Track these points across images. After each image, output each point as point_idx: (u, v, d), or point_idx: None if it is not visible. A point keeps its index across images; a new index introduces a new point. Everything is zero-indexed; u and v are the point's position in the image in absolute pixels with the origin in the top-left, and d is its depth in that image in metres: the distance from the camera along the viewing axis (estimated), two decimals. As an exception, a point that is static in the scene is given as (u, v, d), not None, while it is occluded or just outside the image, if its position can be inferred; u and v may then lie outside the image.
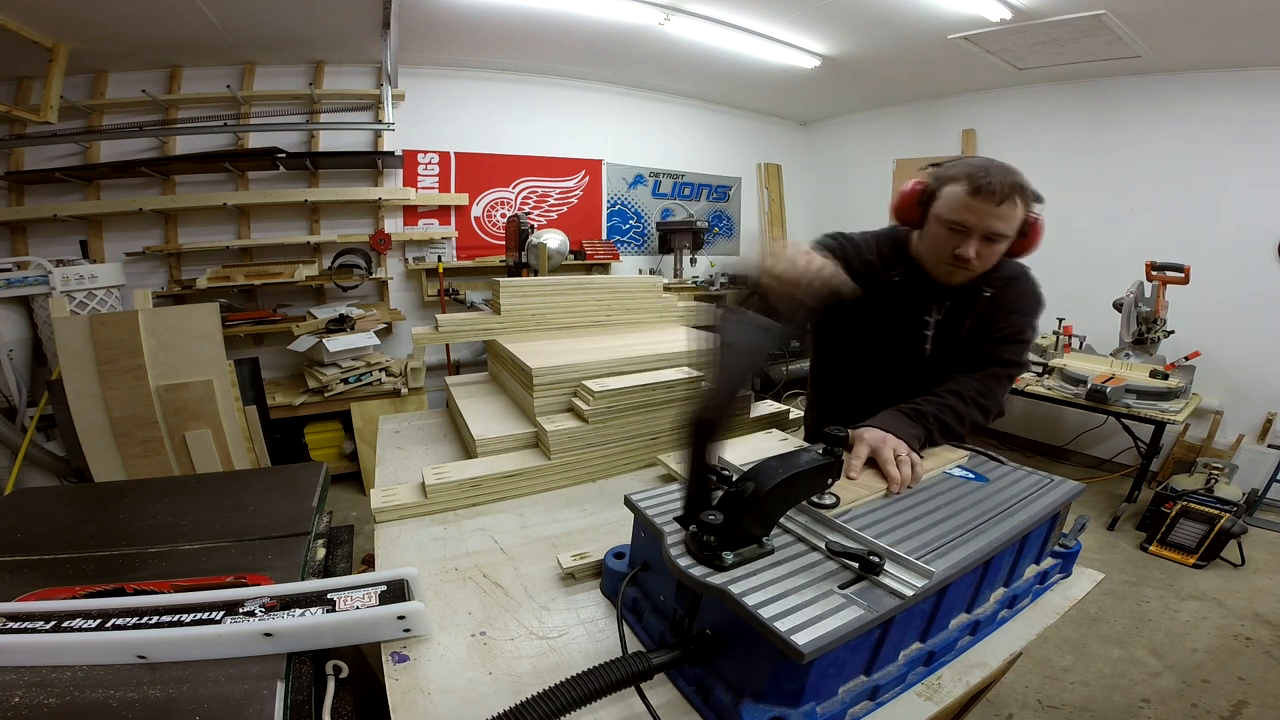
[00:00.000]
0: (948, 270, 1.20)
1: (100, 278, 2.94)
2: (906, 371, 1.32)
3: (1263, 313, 3.31)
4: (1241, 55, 3.12)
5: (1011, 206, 1.10)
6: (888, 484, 0.91)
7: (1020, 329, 1.25)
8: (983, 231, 1.12)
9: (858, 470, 0.94)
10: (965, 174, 1.11)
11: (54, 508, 1.20)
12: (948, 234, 1.15)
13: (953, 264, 1.17)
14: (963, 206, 1.11)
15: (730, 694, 0.64)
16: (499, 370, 1.69)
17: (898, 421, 1.06)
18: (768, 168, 5.47)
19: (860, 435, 1.01)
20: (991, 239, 1.13)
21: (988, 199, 1.08)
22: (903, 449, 0.97)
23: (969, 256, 1.13)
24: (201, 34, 3.00)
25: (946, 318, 1.28)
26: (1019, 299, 1.26)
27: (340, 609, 0.75)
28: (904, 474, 0.92)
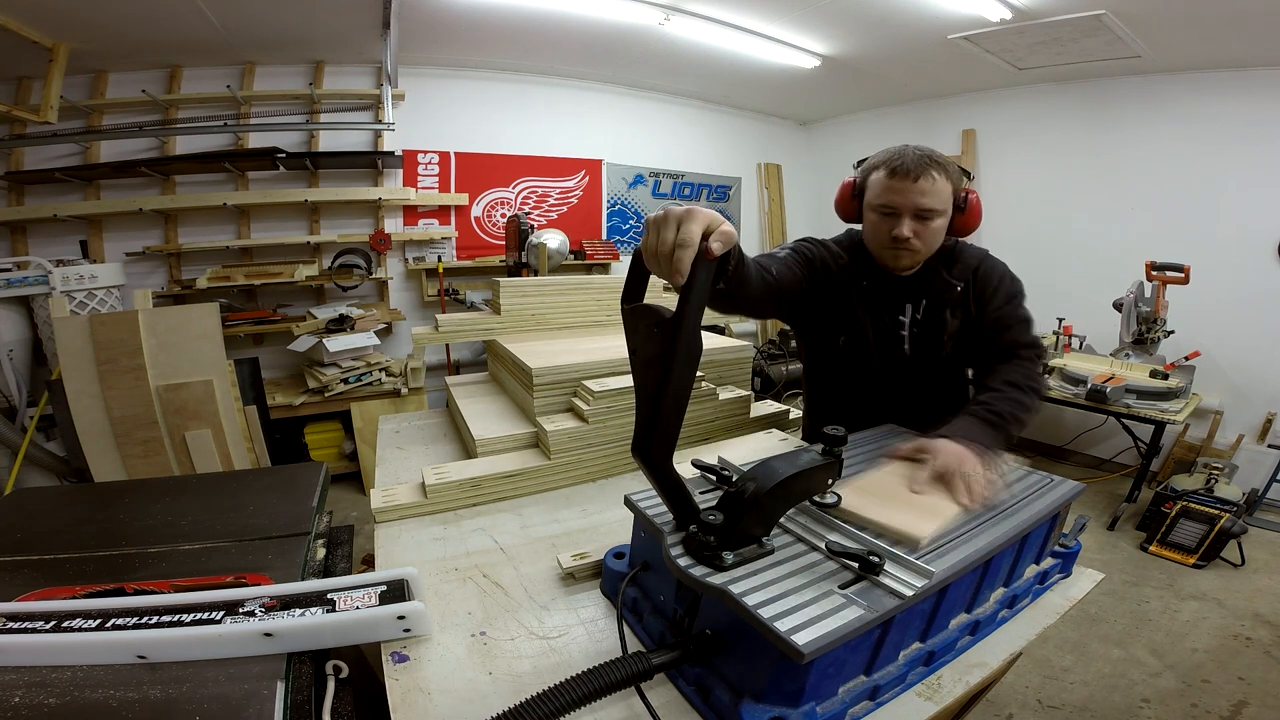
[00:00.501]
0: (892, 255, 1.23)
1: (100, 278, 2.94)
2: (889, 373, 1.32)
3: (1263, 313, 3.31)
4: (1241, 55, 3.11)
5: (930, 181, 1.14)
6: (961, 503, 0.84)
7: (1016, 310, 1.27)
8: (910, 209, 1.16)
9: (924, 485, 0.87)
10: (883, 160, 1.19)
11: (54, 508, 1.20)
12: (880, 219, 1.21)
13: (893, 247, 1.20)
14: (885, 189, 1.17)
15: (730, 694, 0.64)
16: (499, 370, 1.69)
17: (978, 429, 1.00)
18: (768, 168, 5.47)
19: (936, 448, 0.92)
20: (923, 216, 1.17)
21: (904, 177, 1.14)
22: (978, 468, 0.89)
23: (905, 235, 1.17)
24: (201, 34, 3.00)
25: (925, 316, 1.28)
26: (996, 282, 1.27)
27: (340, 609, 0.75)
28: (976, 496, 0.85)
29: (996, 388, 1.15)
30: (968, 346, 1.29)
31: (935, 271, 1.27)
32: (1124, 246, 3.67)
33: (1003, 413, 1.07)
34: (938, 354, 1.29)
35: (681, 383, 0.63)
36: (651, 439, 0.65)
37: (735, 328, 4.92)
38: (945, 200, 1.17)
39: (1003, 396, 1.11)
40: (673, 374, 0.61)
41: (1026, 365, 1.21)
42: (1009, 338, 1.25)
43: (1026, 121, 4.12)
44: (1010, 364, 1.21)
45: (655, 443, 0.65)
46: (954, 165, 1.20)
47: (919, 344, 1.30)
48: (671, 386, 0.62)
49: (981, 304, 1.27)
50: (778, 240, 5.55)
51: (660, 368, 0.62)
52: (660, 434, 0.65)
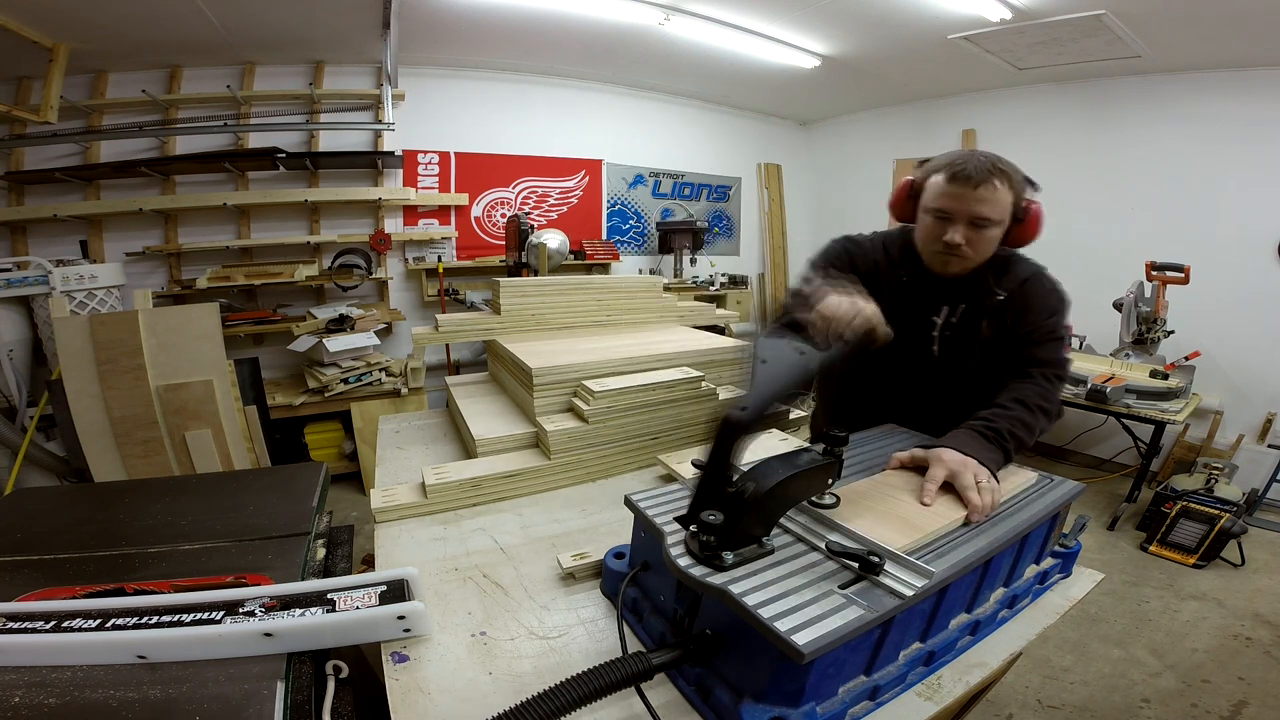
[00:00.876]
0: (941, 260, 1.21)
1: (100, 278, 2.94)
2: (914, 373, 1.31)
3: (1263, 313, 3.31)
4: (1241, 55, 3.12)
5: (990, 189, 1.11)
6: (968, 512, 0.84)
7: (1052, 328, 1.23)
8: (966, 216, 1.14)
9: (932, 496, 0.87)
10: (946, 164, 1.16)
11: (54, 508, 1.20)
12: (934, 222, 1.18)
13: (943, 251, 1.18)
14: (943, 194, 1.15)
15: (730, 694, 0.64)
16: (499, 370, 1.69)
17: (977, 444, 0.99)
18: (768, 168, 5.47)
19: (939, 456, 0.93)
20: (978, 224, 1.14)
21: (964, 183, 1.12)
22: (984, 475, 0.90)
23: (956, 241, 1.15)
24: (201, 34, 3.00)
25: (961, 320, 1.26)
26: (1041, 298, 1.23)
27: (340, 609, 0.75)
28: (985, 502, 0.85)
29: (1004, 404, 1.12)
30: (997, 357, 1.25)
31: (982, 279, 1.24)
32: (1124, 246, 3.66)
33: (1001, 430, 1.04)
34: (966, 360, 1.27)
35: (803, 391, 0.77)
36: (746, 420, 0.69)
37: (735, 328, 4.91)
38: (1003, 210, 1.14)
39: (1007, 414, 1.09)
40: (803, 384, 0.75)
41: (1044, 385, 1.17)
42: (1034, 353, 1.21)
43: (1026, 121, 4.12)
44: (1027, 381, 1.18)
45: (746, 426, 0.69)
46: (1020, 175, 1.16)
47: (948, 347, 1.28)
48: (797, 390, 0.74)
49: (1020, 316, 1.23)
50: (778, 240, 5.55)
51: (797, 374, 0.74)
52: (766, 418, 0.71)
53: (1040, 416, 1.12)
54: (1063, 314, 1.25)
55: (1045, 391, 1.16)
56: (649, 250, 5.02)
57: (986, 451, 0.97)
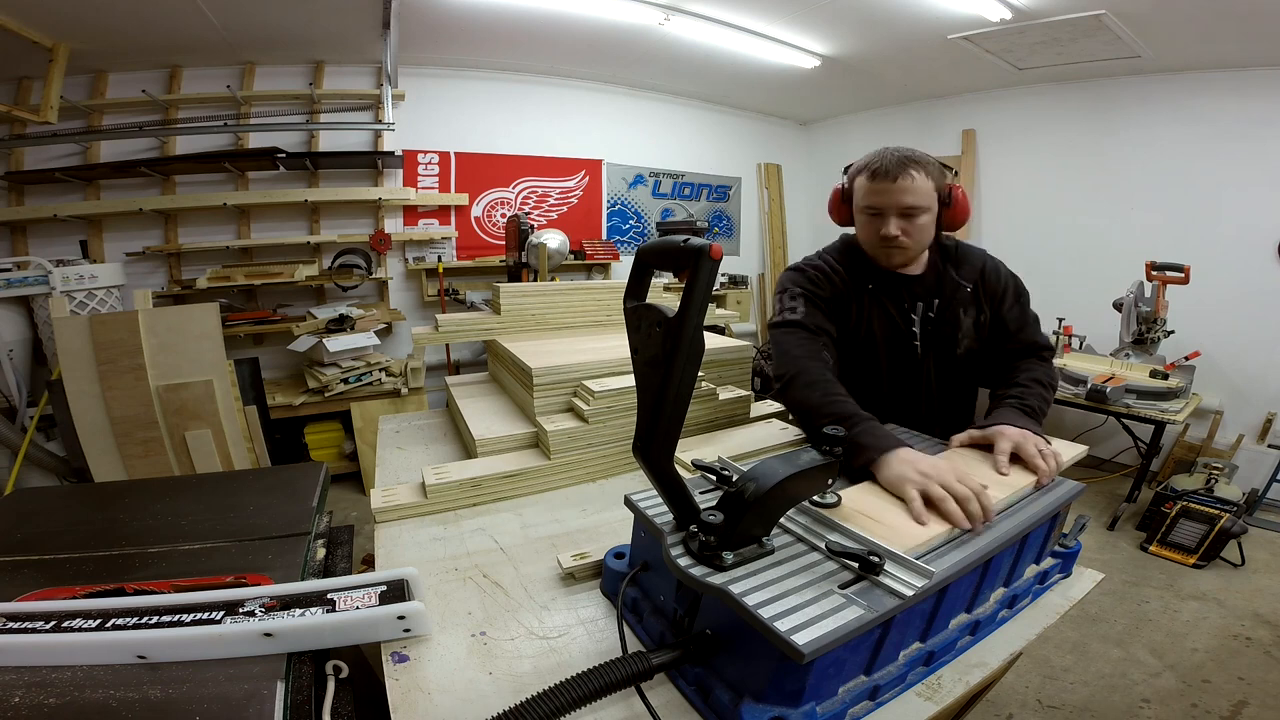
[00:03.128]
0: (885, 253, 1.28)
1: (100, 278, 2.94)
2: (899, 371, 1.34)
3: (1263, 313, 3.31)
4: (1241, 55, 3.12)
5: (908, 179, 1.19)
6: (1038, 478, 0.93)
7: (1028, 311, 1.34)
8: (894, 208, 1.21)
9: (1006, 466, 0.95)
10: (865, 164, 1.26)
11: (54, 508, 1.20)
12: (869, 220, 1.27)
13: (884, 245, 1.25)
14: (868, 191, 1.24)
15: (730, 694, 0.64)
16: (499, 370, 1.69)
17: (1023, 418, 1.07)
18: (767, 168, 5.47)
19: (1001, 432, 1.00)
20: (907, 214, 1.21)
21: (884, 178, 1.20)
22: (1042, 443, 0.98)
23: (893, 233, 1.22)
24: (201, 34, 3.00)
25: (939, 315, 1.32)
26: (1004, 282, 1.33)
27: (340, 609, 0.75)
28: (1051, 466, 0.94)
29: (1025, 383, 1.20)
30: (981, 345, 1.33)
31: (944, 272, 1.31)
32: (1124, 246, 3.67)
33: (1034, 407, 1.14)
34: (951, 352, 1.32)
35: (683, 382, 0.62)
36: (653, 438, 0.65)
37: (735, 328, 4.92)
38: (928, 197, 1.21)
39: (1031, 392, 1.18)
40: (674, 373, 0.61)
41: (1047, 366, 1.27)
42: (1026, 337, 1.31)
43: (1026, 121, 4.12)
44: (1033, 362, 1.27)
45: (656, 442, 0.65)
46: (934, 162, 1.24)
47: (930, 342, 1.33)
48: (673, 386, 0.62)
49: (993, 303, 1.31)
50: (778, 240, 5.55)
51: (662, 367, 0.62)
52: (661, 433, 0.65)
53: (1050, 393, 1.22)
54: (1027, 296, 1.35)
55: (1048, 371, 1.26)
56: (649, 250, 5.02)
57: (1031, 424, 1.05)
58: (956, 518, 0.79)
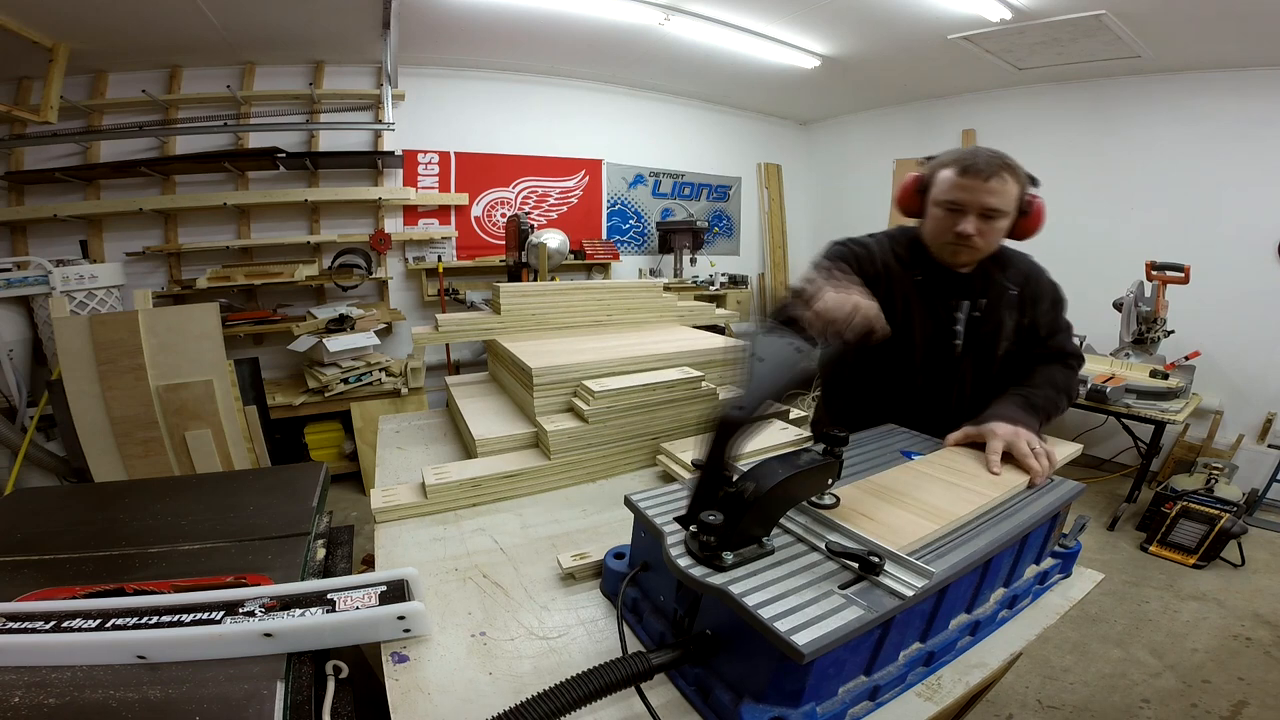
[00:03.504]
0: (952, 251, 1.24)
1: (100, 278, 2.94)
2: (935, 368, 1.32)
3: (1263, 313, 3.31)
4: (1241, 55, 3.11)
5: (1001, 182, 1.16)
6: (1030, 477, 0.92)
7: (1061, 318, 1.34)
8: (977, 208, 1.18)
9: (998, 464, 0.95)
10: (955, 158, 1.21)
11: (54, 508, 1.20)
12: (946, 214, 1.22)
13: (955, 243, 1.22)
14: (954, 186, 1.19)
15: (730, 694, 0.64)
16: (499, 370, 1.69)
17: (1020, 412, 1.07)
18: (768, 168, 5.47)
19: (993, 430, 1.01)
20: (988, 215, 1.19)
21: (975, 176, 1.16)
22: (1035, 441, 0.97)
23: (969, 232, 1.19)
24: (201, 34, 3.00)
25: (984, 315, 1.30)
26: (1046, 291, 1.32)
27: (340, 609, 0.75)
28: (1044, 465, 0.93)
29: (1036, 383, 1.20)
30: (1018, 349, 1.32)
31: (991, 273, 1.29)
32: (1124, 246, 3.66)
33: (1037, 404, 1.13)
34: (991, 353, 1.31)
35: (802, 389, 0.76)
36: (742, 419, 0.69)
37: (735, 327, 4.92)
38: (1011, 202, 1.19)
39: (1040, 392, 1.18)
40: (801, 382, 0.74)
41: (1069, 373, 1.27)
42: (1057, 344, 1.31)
43: (1026, 121, 4.12)
44: (1055, 367, 1.27)
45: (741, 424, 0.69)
46: (1023, 170, 1.22)
47: (972, 341, 1.31)
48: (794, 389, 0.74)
49: (1034, 308, 1.31)
50: (778, 240, 5.55)
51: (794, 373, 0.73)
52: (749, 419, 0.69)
53: (1064, 398, 1.21)
54: (1064, 304, 1.34)
55: (1069, 379, 1.26)
56: (649, 250, 5.02)
57: (1029, 419, 1.05)
58: None
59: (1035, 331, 1.30)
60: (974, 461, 0.99)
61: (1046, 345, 1.30)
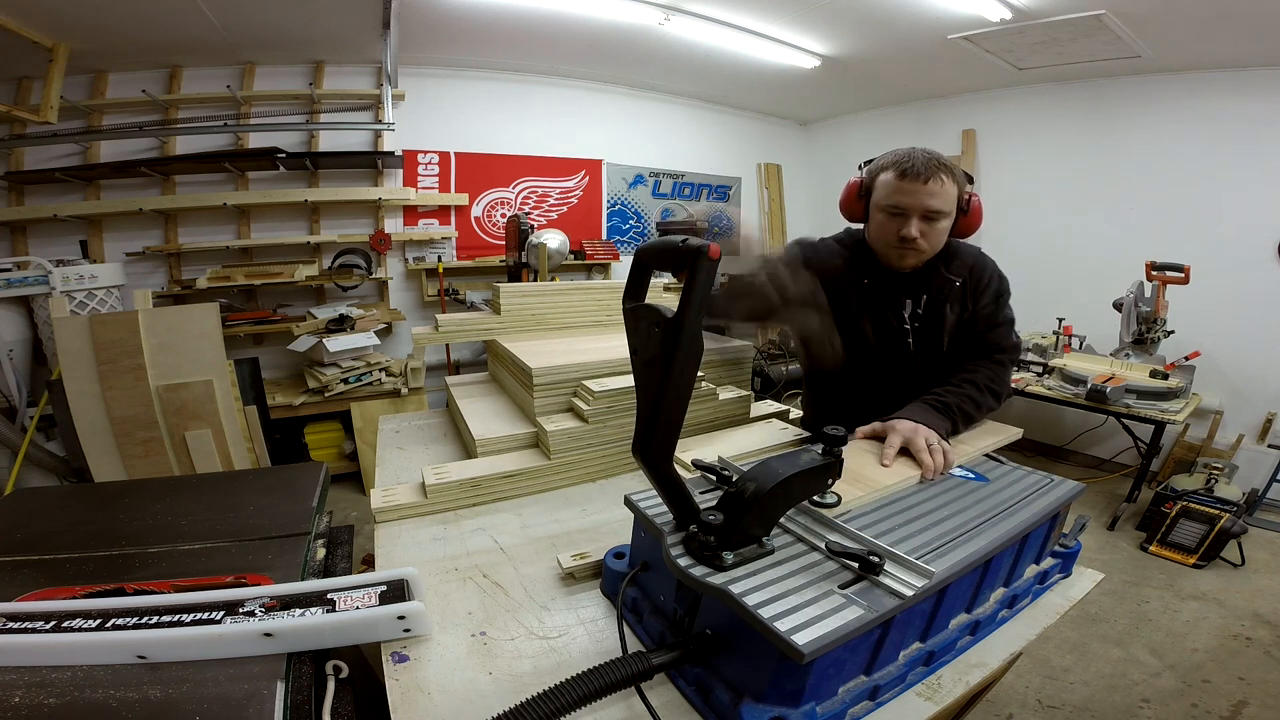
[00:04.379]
0: (898, 254, 1.26)
1: (100, 278, 2.94)
2: (893, 368, 1.35)
3: (1263, 313, 3.31)
4: (1241, 55, 3.11)
5: (939, 184, 1.18)
6: (921, 471, 0.95)
7: (1002, 311, 1.33)
8: (919, 210, 1.20)
9: (891, 458, 0.98)
10: (892, 162, 1.23)
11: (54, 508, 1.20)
12: (888, 219, 1.24)
13: (900, 246, 1.24)
14: (894, 190, 1.21)
15: (730, 694, 0.64)
16: (499, 370, 1.69)
17: (926, 413, 1.10)
18: (768, 168, 5.47)
19: (893, 425, 1.05)
20: (930, 217, 1.20)
21: (914, 179, 1.18)
22: (934, 438, 1.01)
23: (913, 235, 1.21)
24: (201, 34, 3.00)
25: (926, 311, 1.32)
26: (989, 281, 1.32)
27: (340, 609, 0.75)
28: (937, 462, 0.97)
29: (955, 383, 1.22)
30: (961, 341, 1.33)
31: (935, 268, 1.31)
32: (1124, 246, 3.66)
33: (950, 404, 1.15)
34: (937, 347, 1.33)
35: (682, 382, 0.62)
36: (652, 438, 0.65)
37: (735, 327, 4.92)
38: (951, 202, 1.21)
39: (957, 391, 1.19)
40: (673, 373, 0.61)
41: (996, 369, 1.27)
42: (991, 338, 1.32)
43: (1026, 121, 4.12)
44: (981, 364, 1.28)
45: (655, 442, 0.66)
46: (959, 169, 1.24)
47: (921, 338, 1.34)
48: (672, 386, 0.62)
49: (975, 299, 1.32)
50: (778, 240, 5.55)
51: (661, 367, 0.62)
52: (660, 434, 0.65)
53: (989, 396, 1.22)
54: (1007, 294, 1.34)
55: (995, 374, 1.26)
56: (649, 250, 5.02)
57: (936, 420, 1.09)
58: None
59: (974, 324, 1.32)
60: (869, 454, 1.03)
61: (982, 338, 1.31)
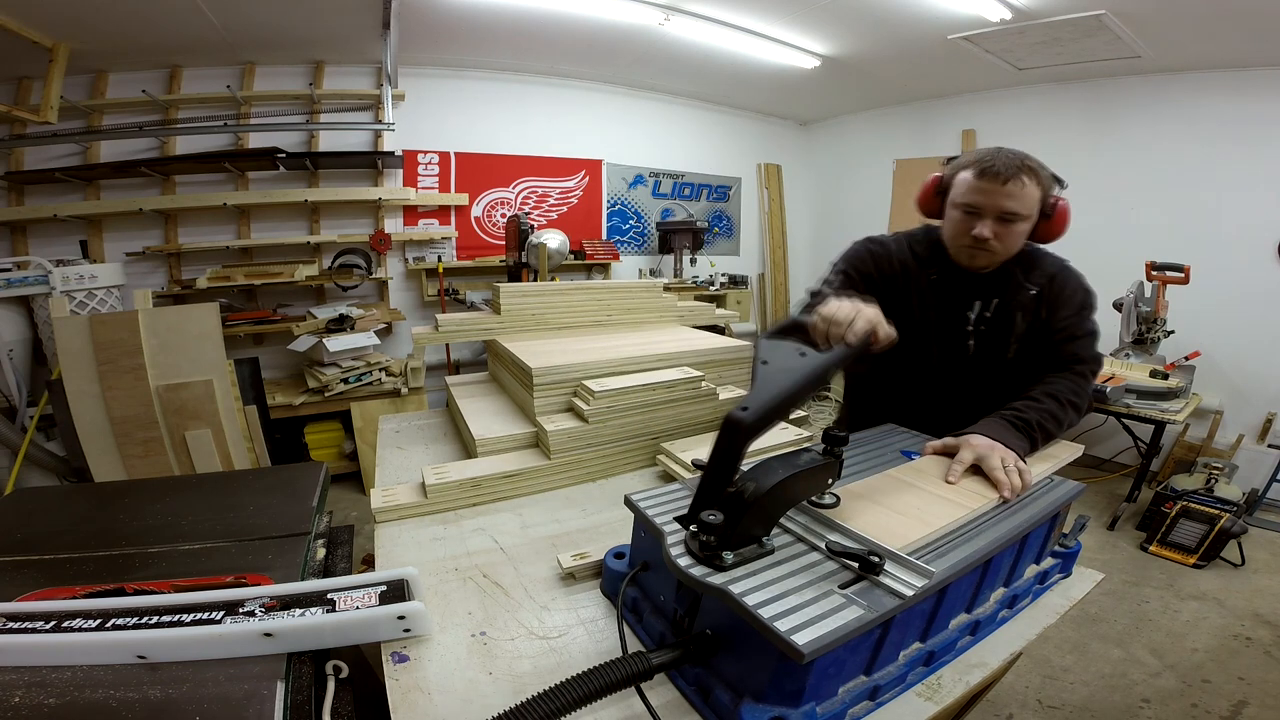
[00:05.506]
0: (969, 254, 1.22)
1: (100, 278, 2.94)
2: (949, 369, 1.31)
3: (1263, 313, 3.31)
4: (1241, 55, 3.11)
5: (1019, 185, 1.12)
6: (998, 490, 0.89)
7: (1085, 325, 1.26)
8: (994, 211, 1.15)
9: (958, 476, 0.92)
10: (974, 160, 1.17)
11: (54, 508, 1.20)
12: (963, 217, 1.19)
13: (971, 246, 1.19)
14: (971, 189, 1.16)
15: (730, 694, 0.64)
16: (499, 370, 1.69)
17: (1005, 431, 1.03)
18: (768, 168, 5.47)
19: (968, 441, 0.98)
20: (1006, 219, 1.15)
21: (993, 179, 1.13)
22: (1010, 458, 0.95)
23: (985, 235, 1.16)
24: (201, 34, 3.00)
25: (995, 315, 1.27)
26: (1071, 293, 1.26)
27: (340, 609, 0.75)
28: (1014, 482, 0.90)
29: (1035, 397, 1.15)
30: (1032, 351, 1.27)
31: (1010, 273, 1.26)
32: (1124, 246, 3.66)
33: (1030, 421, 1.07)
34: (1002, 355, 1.28)
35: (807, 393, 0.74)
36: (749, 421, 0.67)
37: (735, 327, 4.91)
38: (1031, 205, 1.16)
39: (1037, 406, 1.12)
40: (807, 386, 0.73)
41: (1077, 380, 1.20)
42: (1071, 350, 1.24)
43: (1026, 121, 4.12)
44: (1062, 376, 1.20)
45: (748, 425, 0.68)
46: (1048, 172, 1.18)
47: (984, 342, 1.29)
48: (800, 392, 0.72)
49: (1053, 310, 1.25)
50: (778, 240, 5.55)
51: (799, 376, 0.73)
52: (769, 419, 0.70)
53: (1070, 411, 1.15)
54: (1092, 309, 1.28)
55: (1078, 387, 1.19)
56: (649, 250, 5.02)
57: (1014, 439, 1.02)
58: None
59: (1052, 334, 1.24)
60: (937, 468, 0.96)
61: (1061, 350, 1.24)
